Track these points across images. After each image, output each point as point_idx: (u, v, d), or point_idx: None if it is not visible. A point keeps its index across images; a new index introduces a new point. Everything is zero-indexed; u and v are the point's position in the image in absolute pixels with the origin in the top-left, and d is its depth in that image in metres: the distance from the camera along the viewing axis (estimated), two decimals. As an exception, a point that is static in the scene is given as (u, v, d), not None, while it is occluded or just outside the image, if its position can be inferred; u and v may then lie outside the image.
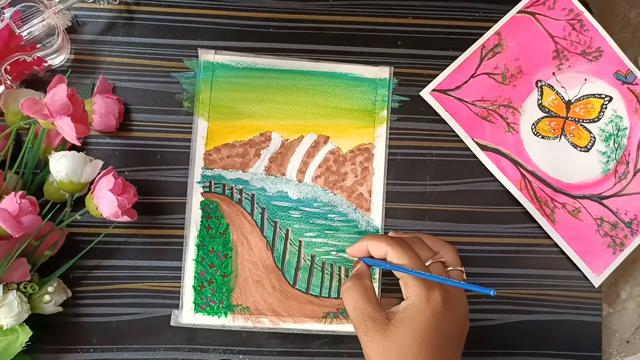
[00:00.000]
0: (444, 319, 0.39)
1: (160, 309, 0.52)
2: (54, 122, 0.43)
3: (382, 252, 0.43)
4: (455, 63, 0.56)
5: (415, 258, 0.41)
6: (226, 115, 0.54)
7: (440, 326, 0.39)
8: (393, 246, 0.42)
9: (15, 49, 0.48)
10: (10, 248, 0.44)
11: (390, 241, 0.42)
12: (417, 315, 0.39)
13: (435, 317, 0.39)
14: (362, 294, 0.42)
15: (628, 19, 0.62)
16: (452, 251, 0.45)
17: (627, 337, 0.60)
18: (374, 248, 0.43)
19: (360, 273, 0.45)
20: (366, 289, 0.42)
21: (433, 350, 0.39)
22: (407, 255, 0.41)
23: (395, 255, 0.41)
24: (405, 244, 0.42)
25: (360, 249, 0.45)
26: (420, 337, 0.39)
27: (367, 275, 0.44)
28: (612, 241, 0.56)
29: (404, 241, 0.43)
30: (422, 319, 0.39)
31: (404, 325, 0.39)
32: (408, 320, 0.39)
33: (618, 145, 0.57)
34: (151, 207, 0.53)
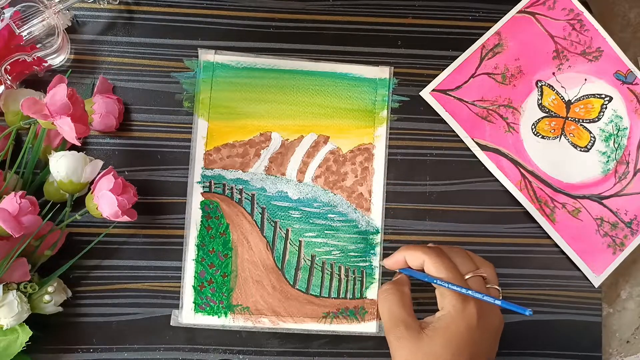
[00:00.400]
0: (478, 332, 0.39)
1: (160, 309, 0.52)
2: (54, 122, 0.43)
3: (419, 262, 0.42)
4: (455, 63, 0.56)
5: (453, 270, 0.41)
6: (226, 115, 0.54)
7: (473, 339, 0.39)
8: (431, 256, 0.41)
9: (15, 49, 0.48)
10: (10, 248, 0.44)
11: (428, 251, 0.42)
12: (452, 325, 0.39)
13: (469, 329, 0.39)
14: (399, 298, 0.42)
15: (628, 19, 0.62)
16: (491, 269, 0.44)
17: (627, 337, 0.60)
18: (412, 258, 0.43)
19: (400, 280, 0.44)
20: (403, 295, 0.42)
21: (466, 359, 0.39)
22: (445, 266, 0.41)
23: (433, 266, 0.41)
24: (444, 255, 0.42)
25: (398, 261, 0.44)
26: (452, 348, 0.38)
27: (406, 283, 0.44)
28: (612, 241, 0.56)
29: (443, 252, 0.42)
30: (456, 330, 0.39)
31: (438, 335, 0.39)
32: (442, 330, 0.39)
33: (618, 145, 0.57)
34: (151, 207, 0.53)
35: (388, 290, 0.43)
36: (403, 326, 0.40)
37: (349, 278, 0.54)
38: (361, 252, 0.54)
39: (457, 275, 0.41)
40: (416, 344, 0.39)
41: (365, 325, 0.53)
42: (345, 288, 0.54)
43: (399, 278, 0.45)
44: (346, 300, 0.53)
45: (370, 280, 0.54)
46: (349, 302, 0.53)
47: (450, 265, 0.41)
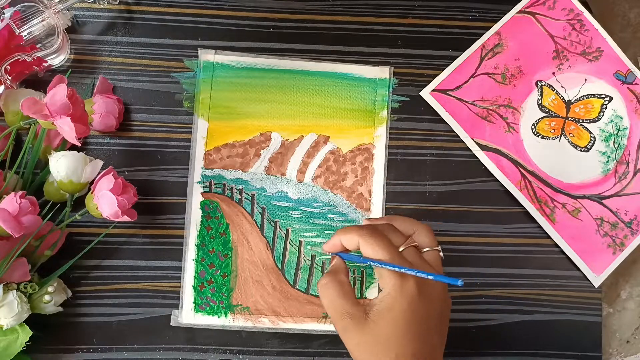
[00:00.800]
0: (422, 306, 0.39)
1: (160, 309, 0.52)
2: (54, 122, 0.43)
3: (354, 243, 0.42)
4: (455, 63, 0.56)
5: (387, 247, 0.40)
6: (226, 115, 0.54)
7: (418, 313, 0.39)
8: (364, 236, 0.41)
9: (15, 49, 0.48)
10: (10, 248, 0.44)
11: (361, 232, 0.41)
12: (394, 305, 0.39)
13: (412, 305, 0.39)
14: (338, 290, 0.41)
15: (628, 19, 0.62)
16: (427, 231, 0.44)
17: (627, 337, 0.60)
18: (347, 240, 0.42)
19: (336, 268, 0.43)
20: (342, 284, 0.41)
21: (414, 337, 0.39)
22: (378, 245, 0.40)
23: (368, 246, 0.40)
24: (378, 233, 0.41)
25: (335, 244, 0.44)
26: (399, 328, 0.38)
27: (342, 270, 0.43)
28: (612, 241, 0.56)
29: (376, 230, 0.42)
30: (400, 309, 0.39)
31: (382, 318, 0.39)
32: (385, 312, 0.39)
33: (618, 145, 0.57)
34: (151, 207, 0.53)
35: (326, 284, 0.42)
36: (347, 317, 0.40)
37: (349, 278, 0.54)
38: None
39: (392, 251, 0.40)
40: (363, 331, 0.39)
41: (365, 325, 0.53)
42: (345, 288, 0.53)
43: (335, 266, 0.44)
44: (346, 300, 0.53)
45: (370, 280, 0.54)
46: (349, 302, 0.53)
47: (384, 242, 0.40)
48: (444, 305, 0.42)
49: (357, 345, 0.39)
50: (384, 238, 0.41)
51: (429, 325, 0.40)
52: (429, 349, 0.40)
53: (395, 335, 0.38)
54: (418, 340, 0.39)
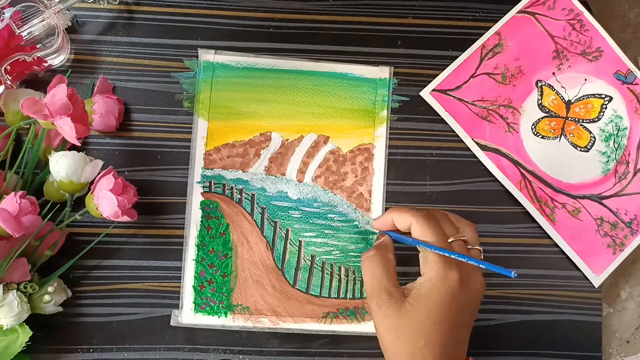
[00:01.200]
0: (460, 298, 0.39)
1: (160, 309, 0.52)
2: (54, 122, 0.43)
3: (407, 224, 0.42)
4: (455, 63, 0.56)
5: (439, 234, 0.40)
6: (226, 115, 0.54)
7: (455, 304, 0.39)
8: (418, 219, 0.41)
9: (15, 49, 0.48)
10: (10, 248, 0.44)
11: (416, 214, 0.41)
12: (434, 292, 0.38)
13: (451, 295, 0.38)
14: (383, 265, 0.41)
15: (628, 19, 0.62)
16: (473, 229, 0.44)
17: (627, 337, 0.60)
18: (400, 220, 0.42)
19: (384, 245, 0.43)
20: (387, 262, 0.41)
21: (446, 328, 0.38)
22: (431, 230, 0.40)
23: (420, 229, 0.40)
24: (432, 218, 0.41)
25: (386, 222, 0.43)
26: (434, 315, 0.38)
27: (390, 248, 0.43)
28: (612, 241, 0.56)
29: (431, 215, 0.42)
30: (438, 297, 0.38)
31: (419, 303, 0.38)
32: (424, 297, 0.38)
33: (618, 145, 0.57)
34: (151, 207, 0.53)
35: (372, 257, 0.42)
36: (386, 294, 0.40)
37: (349, 278, 0.54)
38: (361, 252, 0.54)
39: (443, 238, 0.40)
40: (398, 312, 0.39)
41: (365, 325, 0.53)
42: (345, 288, 0.54)
43: (382, 242, 0.44)
44: (346, 300, 0.53)
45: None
46: (349, 302, 0.53)
47: (437, 228, 0.41)
48: (477, 302, 0.42)
49: (387, 327, 0.39)
50: (437, 223, 0.41)
51: (462, 320, 0.40)
52: (457, 342, 0.40)
53: (427, 321, 0.38)
54: (449, 331, 0.39)
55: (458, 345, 0.40)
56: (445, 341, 0.38)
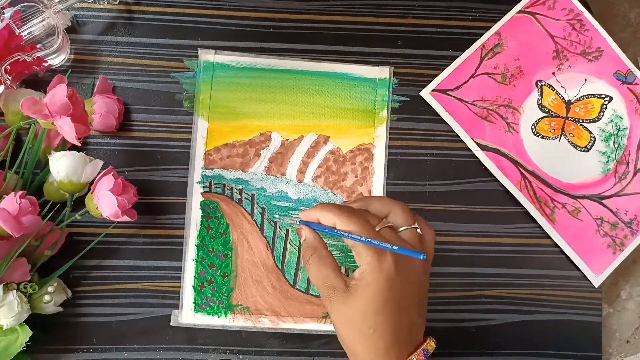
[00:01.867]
0: (399, 282, 0.40)
1: (160, 309, 0.52)
2: (54, 122, 0.43)
3: (331, 221, 0.43)
4: (455, 63, 0.56)
5: (364, 225, 0.41)
6: (226, 115, 0.54)
7: (396, 291, 0.40)
8: (341, 216, 0.42)
9: (15, 49, 0.48)
10: (10, 248, 0.44)
11: (338, 211, 0.42)
12: (372, 283, 0.40)
13: (389, 281, 0.40)
14: (322, 264, 0.42)
15: (628, 19, 0.62)
16: (402, 210, 0.44)
17: (627, 337, 0.60)
18: (324, 218, 0.43)
19: (314, 245, 0.44)
20: (323, 258, 0.43)
21: (393, 315, 0.40)
22: (354, 222, 0.41)
23: (344, 224, 0.41)
24: (354, 213, 0.42)
25: (310, 217, 0.45)
26: (376, 304, 0.39)
27: (320, 244, 0.44)
28: (612, 241, 0.56)
29: (353, 210, 0.43)
30: (377, 287, 0.39)
31: (360, 294, 0.40)
32: (363, 288, 0.40)
33: (618, 145, 0.57)
34: (151, 207, 0.53)
35: (310, 259, 0.43)
36: (332, 289, 0.41)
37: (349, 278, 0.54)
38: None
39: (368, 229, 0.41)
40: (344, 304, 0.40)
41: (365, 325, 0.53)
42: (345, 288, 0.53)
43: (310, 242, 0.44)
44: (346, 300, 0.53)
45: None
46: (349, 302, 0.53)
47: (361, 221, 0.41)
48: (423, 285, 0.43)
49: (339, 318, 0.41)
50: (360, 216, 0.42)
51: (408, 303, 0.41)
52: (409, 326, 0.41)
53: (373, 312, 0.39)
54: (397, 317, 0.40)
55: (412, 328, 0.41)
56: (395, 326, 0.40)
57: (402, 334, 0.40)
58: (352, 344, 0.41)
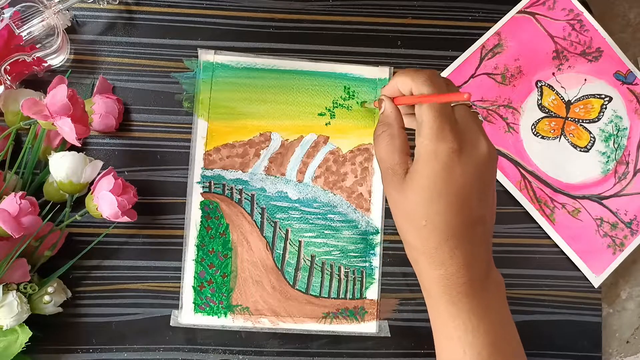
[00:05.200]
0: (459, 172, 0.35)
1: (160, 309, 0.52)
2: (54, 123, 0.43)
3: (408, 86, 0.38)
4: (455, 63, 0.56)
5: (438, 85, 0.37)
6: (226, 116, 0.54)
7: (453, 182, 0.35)
8: (418, 74, 0.38)
9: (15, 49, 0.48)
10: (10, 248, 0.44)
11: (417, 71, 0.38)
12: (425, 169, 0.35)
13: (446, 169, 0.35)
14: (387, 143, 0.38)
15: (628, 19, 0.62)
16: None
17: (627, 337, 0.60)
18: (402, 83, 0.39)
19: (388, 119, 0.40)
20: (392, 138, 0.39)
21: (448, 208, 0.35)
22: (430, 81, 0.37)
23: (418, 83, 0.37)
24: (434, 74, 0.38)
25: (392, 88, 0.40)
26: (429, 195, 0.35)
27: (395, 121, 0.40)
28: (612, 241, 0.56)
29: (436, 73, 0.38)
30: (431, 174, 0.35)
31: (414, 181, 0.36)
32: (417, 176, 0.36)
33: (618, 146, 0.57)
34: (151, 207, 0.53)
35: (379, 135, 0.39)
36: (390, 173, 0.38)
37: (348, 278, 0.54)
38: (361, 252, 0.54)
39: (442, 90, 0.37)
40: (398, 191, 0.37)
41: (365, 326, 0.53)
42: (345, 288, 0.54)
43: (386, 115, 0.41)
44: (346, 301, 0.53)
45: (370, 281, 0.54)
46: (349, 303, 0.53)
47: (438, 81, 0.37)
48: (489, 175, 0.38)
49: (393, 204, 0.38)
50: (440, 79, 0.38)
51: (468, 196, 0.36)
52: (468, 221, 0.36)
53: (425, 202, 0.35)
54: (452, 210, 0.35)
55: (471, 224, 0.36)
56: (451, 221, 0.35)
57: (459, 229, 0.36)
58: (406, 234, 0.37)
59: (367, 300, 0.54)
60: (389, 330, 0.54)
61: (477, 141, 0.36)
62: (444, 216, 0.35)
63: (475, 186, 0.36)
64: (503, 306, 0.39)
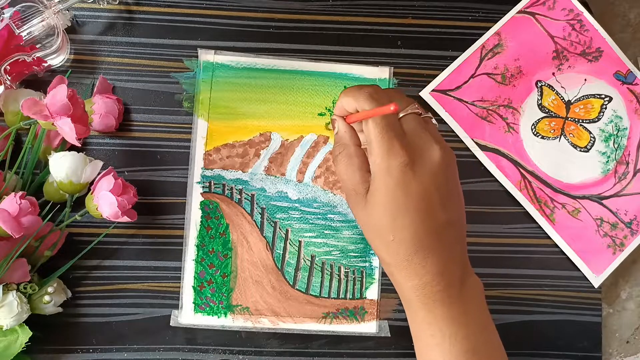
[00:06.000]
0: (415, 185, 0.35)
1: (160, 309, 0.52)
2: (54, 123, 0.43)
3: (352, 105, 0.38)
4: (455, 63, 0.56)
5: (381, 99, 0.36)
6: (226, 116, 0.54)
7: (411, 194, 0.35)
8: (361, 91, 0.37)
9: (15, 49, 0.48)
10: (10, 248, 0.44)
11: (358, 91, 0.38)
12: (381, 188, 0.35)
13: (402, 184, 0.35)
14: (349, 163, 0.38)
15: (628, 19, 0.62)
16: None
17: (627, 337, 0.60)
18: (347, 103, 0.38)
19: (342, 139, 0.39)
20: (350, 157, 0.38)
21: (412, 219, 0.35)
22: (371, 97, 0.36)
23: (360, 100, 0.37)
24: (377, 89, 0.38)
25: (340, 108, 0.40)
26: (390, 210, 0.35)
27: (349, 139, 0.39)
28: (612, 241, 0.56)
29: (379, 88, 0.38)
30: (388, 192, 0.35)
31: (374, 199, 0.36)
32: (376, 193, 0.36)
33: (618, 146, 0.57)
34: (151, 207, 0.53)
35: (337, 157, 0.39)
36: (353, 193, 0.38)
37: (348, 278, 0.54)
38: (361, 252, 0.54)
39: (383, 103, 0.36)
40: (363, 209, 0.37)
41: (365, 326, 0.53)
42: (345, 288, 0.54)
43: (341, 136, 0.40)
44: (346, 301, 0.53)
45: (370, 281, 0.54)
46: (349, 303, 0.53)
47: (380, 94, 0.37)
48: (449, 179, 0.37)
49: (360, 222, 0.38)
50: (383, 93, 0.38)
51: (429, 204, 0.36)
52: (434, 229, 0.36)
53: (388, 218, 0.36)
54: (416, 222, 0.35)
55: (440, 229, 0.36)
56: (419, 231, 0.35)
57: (427, 239, 0.36)
58: (377, 250, 0.38)
59: (367, 300, 0.54)
60: (389, 330, 0.54)
61: (429, 149, 0.36)
62: (409, 229, 0.35)
63: (436, 193, 0.36)
64: (482, 310, 0.39)
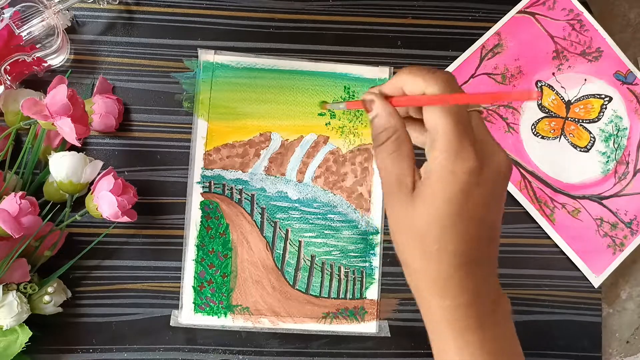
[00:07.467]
0: (477, 192, 0.30)
1: (160, 309, 0.52)
2: (54, 123, 0.43)
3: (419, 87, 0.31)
4: (455, 63, 0.56)
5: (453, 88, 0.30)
6: (226, 116, 0.54)
7: (472, 202, 0.30)
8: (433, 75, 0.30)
9: (15, 49, 0.48)
10: (10, 248, 0.44)
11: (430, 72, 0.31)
12: (440, 190, 0.30)
13: (464, 192, 0.29)
14: (395, 149, 0.32)
15: (628, 19, 0.62)
16: None
17: (627, 337, 0.60)
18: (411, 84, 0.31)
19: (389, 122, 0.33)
20: (400, 143, 0.32)
21: (465, 231, 0.30)
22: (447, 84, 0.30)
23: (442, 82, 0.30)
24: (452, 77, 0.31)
25: (396, 87, 0.33)
26: (444, 218, 0.30)
27: (399, 123, 0.32)
28: (612, 241, 0.56)
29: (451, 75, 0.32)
30: (447, 196, 0.29)
31: (426, 200, 0.30)
32: (431, 194, 0.30)
33: (618, 146, 0.57)
34: (151, 207, 0.53)
35: (388, 143, 0.32)
36: (396, 182, 0.31)
37: (348, 278, 0.54)
38: (361, 252, 0.54)
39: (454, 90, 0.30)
40: (405, 206, 0.31)
41: (365, 326, 0.53)
42: (345, 288, 0.54)
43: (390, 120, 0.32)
44: (346, 301, 0.53)
45: (370, 281, 0.54)
46: (349, 303, 0.53)
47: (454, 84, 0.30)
48: (505, 186, 0.33)
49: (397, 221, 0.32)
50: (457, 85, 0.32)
51: (486, 217, 0.31)
52: (482, 243, 0.32)
53: (438, 226, 0.30)
54: (471, 232, 0.31)
55: (482, 248, 0.32)
56: (466, 247, 0.31)
57: (473, 255, 0.31)
58: (410, 257, 0.32)
59: (367, 300, 0.54)
60: (389, 330, 0.54)
61: (495, 155, 0.31)
62: (459, 241, 0.30)
63: (493, 204, 0.32)
64: (512, 335, 0.36)
